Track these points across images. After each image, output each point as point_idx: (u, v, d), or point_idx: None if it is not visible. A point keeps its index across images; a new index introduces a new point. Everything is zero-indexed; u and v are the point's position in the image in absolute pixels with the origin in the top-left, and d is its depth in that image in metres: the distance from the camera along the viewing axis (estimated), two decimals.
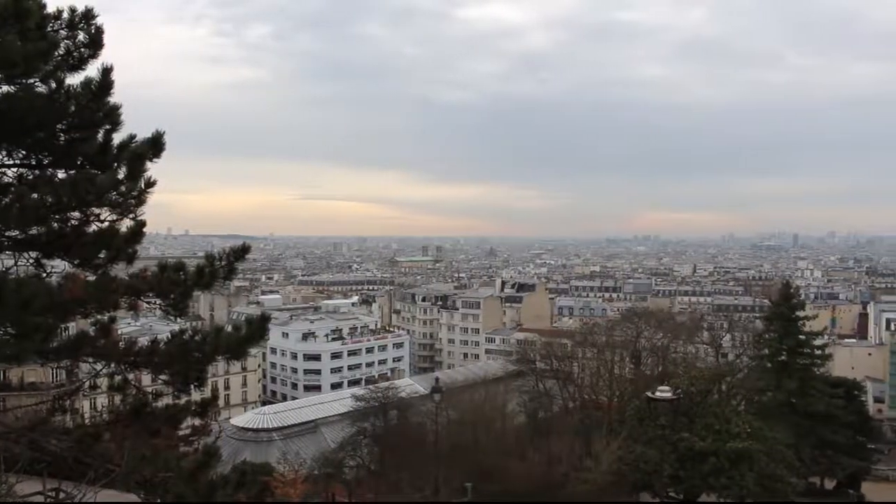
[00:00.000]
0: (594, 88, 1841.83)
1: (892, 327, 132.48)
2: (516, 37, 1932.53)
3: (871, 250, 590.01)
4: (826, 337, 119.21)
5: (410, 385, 79.85)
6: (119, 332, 13.25)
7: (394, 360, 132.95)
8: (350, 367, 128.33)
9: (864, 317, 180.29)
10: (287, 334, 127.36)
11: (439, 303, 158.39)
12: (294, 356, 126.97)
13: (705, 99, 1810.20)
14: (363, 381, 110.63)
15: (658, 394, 28.17)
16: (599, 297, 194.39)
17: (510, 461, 43.28)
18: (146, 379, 14.43)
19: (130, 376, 13.68)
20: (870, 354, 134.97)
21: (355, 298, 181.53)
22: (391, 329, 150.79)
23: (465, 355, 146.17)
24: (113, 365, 13.22)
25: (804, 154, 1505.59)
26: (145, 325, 69.86)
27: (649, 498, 46.68)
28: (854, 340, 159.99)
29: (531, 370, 74.42)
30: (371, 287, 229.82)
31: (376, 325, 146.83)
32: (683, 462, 43.43)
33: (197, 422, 14.54)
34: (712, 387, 51.24)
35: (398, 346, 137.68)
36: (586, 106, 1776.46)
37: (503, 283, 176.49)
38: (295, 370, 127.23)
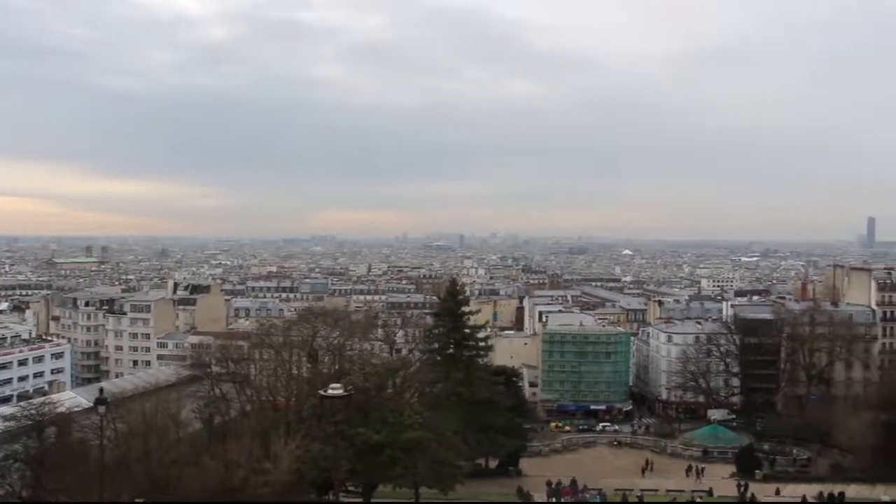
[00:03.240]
0: (274, 86, 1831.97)
1: (544, 319, 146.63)
2: (195, 27, 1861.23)
3: (526, 250, 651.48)
4: (489, 329, 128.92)
5: (72, 398, 73.36)
6: None
7: (52, 373, 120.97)
8: None
9: (521, 310, 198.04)
10: None
11: (105, 307, 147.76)
12: None
13: (382, 102, 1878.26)
14: (14, 398, 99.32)
15: (330, 391, 28.41)
16: (276, 297, 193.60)
17: (185, 470, 41.41)
18: None
19: None
20: (526, 344, 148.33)
21: (4, 305, 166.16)
22: (49, 338, 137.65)
23: (136, 362, 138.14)
24: None
25: (471, 159, 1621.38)
26: None
27: (329, 494, 47.14)
28: (513, 332, 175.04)
29: (206, 374, 72.03)
30: (24, 292, 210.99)
31: (31, 334, 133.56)
32: (361, 456, 44.45)
33: None
34: (386, 381, 53.00)
35: (57, 356, 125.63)
36: (266, 103, 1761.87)
37: (176, 285, 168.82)
38: None
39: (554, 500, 64.44)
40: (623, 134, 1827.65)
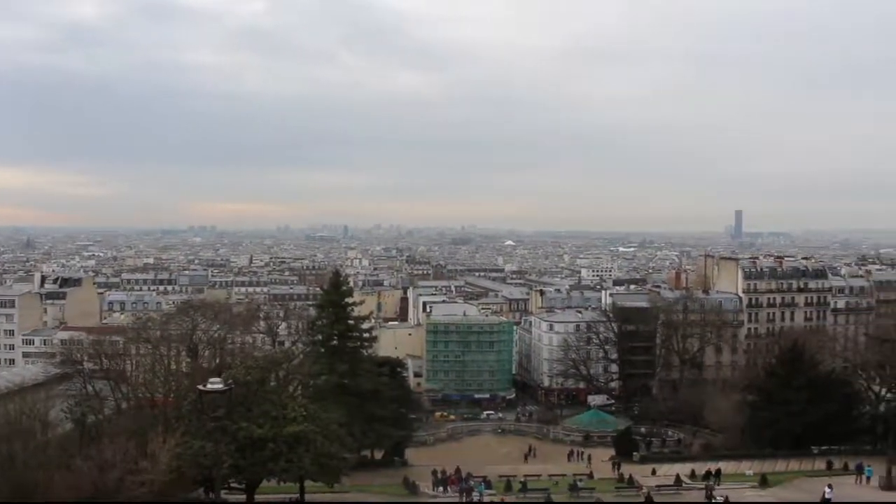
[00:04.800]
0: (148, 70, 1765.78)
1: (428, 309, 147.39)
2: (60, 3, 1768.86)
3: (410, 241, 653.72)
4: (373, 321, 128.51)
5: None
6: None
7: None
8: None
9: (405, 301, 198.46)
10: None
11: None
12: None
13: (265, 90, 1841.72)
14: None
15: (209, 386, 27.50)
16: (154, 290, 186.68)
17: (55, 473, 39.28)
18: None
19: None
20: (410, 334, 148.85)
21: None
22: None
23: None
24: None
25: (355, 149, 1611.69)
26: None
27: (209, 493, 45.80)
28: (397, 322, 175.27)
29: (78, 372, 68.56)
30: None
31: None
32: (243, 451, 43.38)
33: None
34: (269, 374, 51.94)
35: None
36: (140, 88, 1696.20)
37: (43, 278, 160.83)
38: None
39: (441, 489, 64.73)
40: (507, 127, 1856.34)
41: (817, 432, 79.12)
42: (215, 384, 28.67)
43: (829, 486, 50.94)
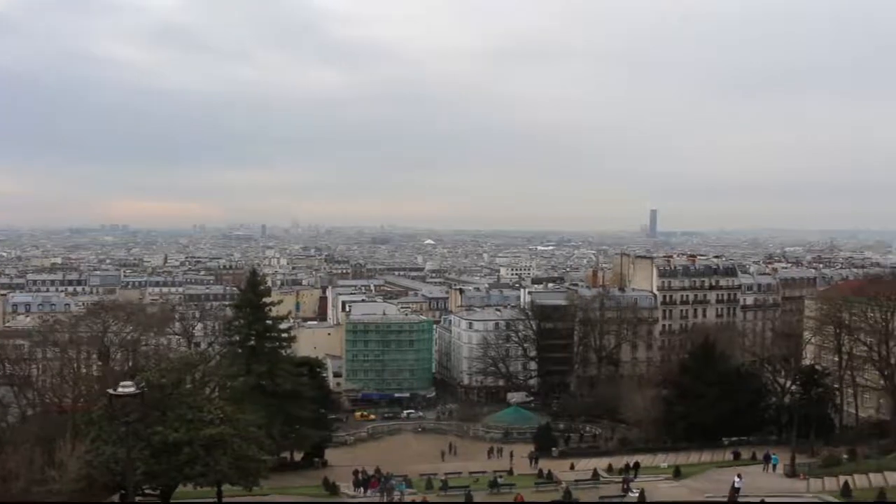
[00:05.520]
0: (62, 63, 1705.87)
1: (348, 309, 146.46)
2: None
3: (329, 240, 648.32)
4: (291, 320, 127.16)
5: None
6: None
7: None
8: None
9: (324, 300, 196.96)
10: None
11: None
12: None
13: (181, 86, 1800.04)
14: None
15: (121, 390, 26.59)
16: (62, 291, 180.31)
17: None
18: None
19: None
20: (329, 334, 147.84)
21: None
22: None
23: None
24: None
25: (274, 148, 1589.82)
26: None
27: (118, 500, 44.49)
28: (316, 322, 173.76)
29: None
30: None
31: None
32: (158, 456, 42.18)
33: None
34: (185, 377, 50.67)
35: None
36: (51, 81, 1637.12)
37: None
38: None
39: (361, 489, 64.37)
40: (424, 126, 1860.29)
41: (728, 424, 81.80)
42: (127, 387, 27.69)
43: (739, 476, 52.68)
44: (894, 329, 75.16)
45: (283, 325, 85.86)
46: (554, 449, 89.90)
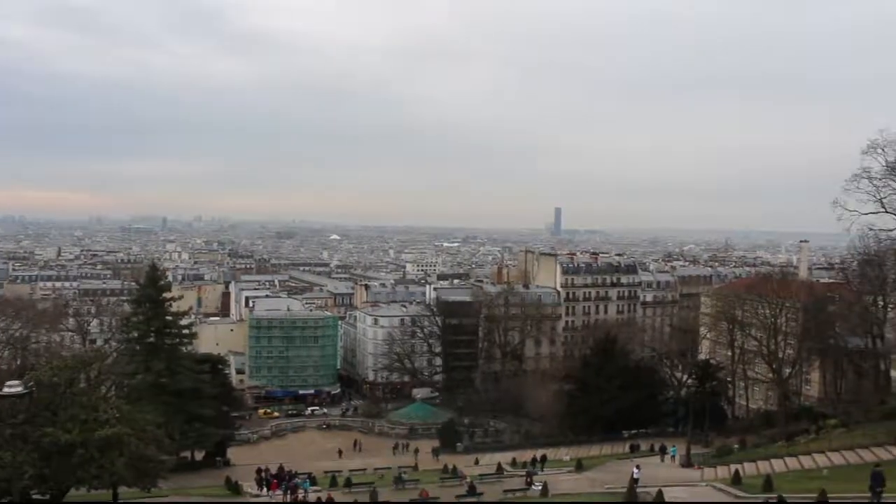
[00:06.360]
0: None
1: (251, 304, 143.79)
2: None
3: (233, 234, 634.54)
4: (193, 316, 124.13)
5: None
6: None
7: None
8: None
9: (227, 295, 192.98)
10: None
11: None
12: None
13: (78, 71, 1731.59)
14: None
15: (7, 390, 25.39)
16: None
17: None
18: None
19: None
20: (232, 330, 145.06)
21: None
22: None
23: None
24: None
25: (176, 138, 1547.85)
26: None
27: None
28: (218, 318, 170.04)
29: None
30: None
31: None
32: (48, 459, 40.43)
33: None
34: (78, 375, 48.74)
35: None
36: None
37: None
38: None
39: (265, 489, 63.32)
40: (334, 120, 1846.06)
41: (628, 417, 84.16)
42: (14, 387, 26.49)
43: (637, 467, 54.21)
44: (782, 325, 78.45)
45: (184, 321, 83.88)
46: (459, 444, 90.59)
